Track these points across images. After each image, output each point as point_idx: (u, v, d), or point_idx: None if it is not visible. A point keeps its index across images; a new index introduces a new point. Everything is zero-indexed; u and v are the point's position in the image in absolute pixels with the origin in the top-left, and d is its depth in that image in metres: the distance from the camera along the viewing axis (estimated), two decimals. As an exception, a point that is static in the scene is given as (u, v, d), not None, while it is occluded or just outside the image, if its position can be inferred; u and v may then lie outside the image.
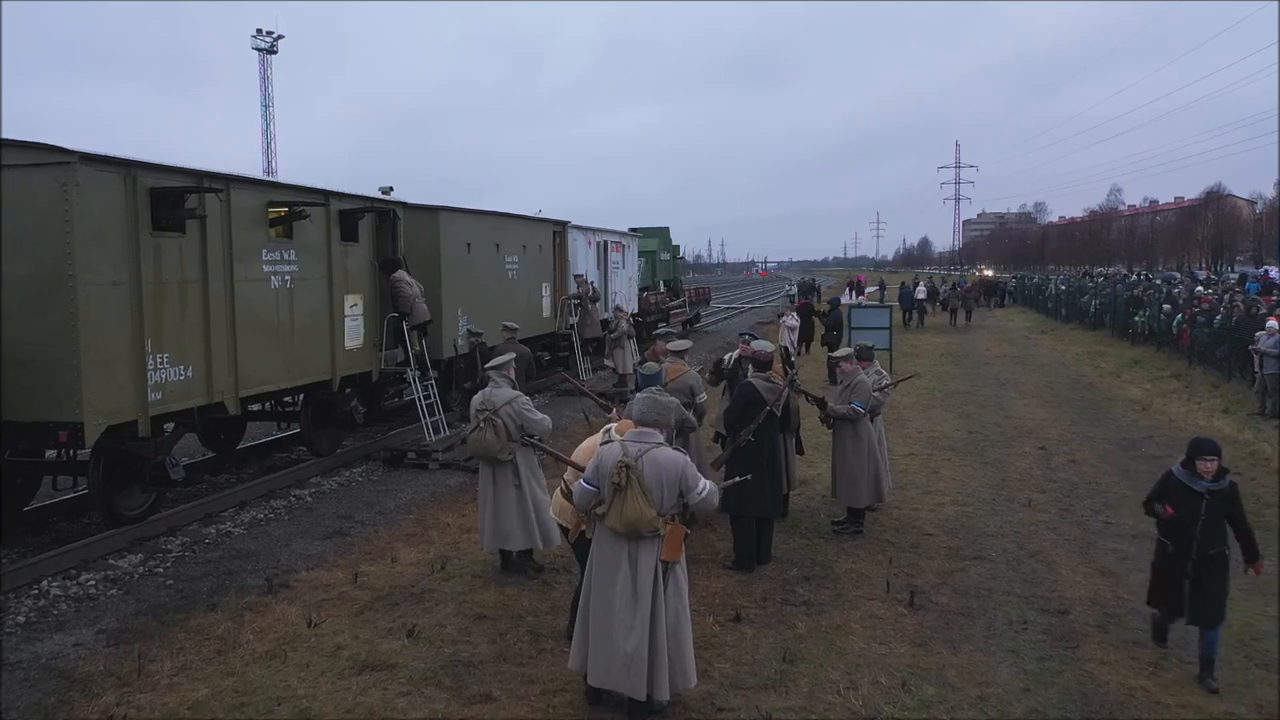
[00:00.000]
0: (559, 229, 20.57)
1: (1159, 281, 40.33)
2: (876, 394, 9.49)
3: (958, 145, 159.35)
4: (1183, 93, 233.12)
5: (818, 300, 34.40)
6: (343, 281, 12.04)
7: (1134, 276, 58.99)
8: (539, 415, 7.73)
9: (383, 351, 13.00)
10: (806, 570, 8.08)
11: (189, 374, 9.29)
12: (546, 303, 19.62)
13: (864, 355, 9.82)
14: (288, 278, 10.91)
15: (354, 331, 12.32)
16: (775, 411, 8.22)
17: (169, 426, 9.68)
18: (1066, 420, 15.69)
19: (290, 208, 10.92)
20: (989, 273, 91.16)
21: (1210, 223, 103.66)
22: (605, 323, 20.79)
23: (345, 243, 12.21)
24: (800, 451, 9.44)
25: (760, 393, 8.18)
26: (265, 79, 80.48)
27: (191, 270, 9.36)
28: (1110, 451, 13.22)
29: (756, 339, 9.83)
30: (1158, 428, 15.01)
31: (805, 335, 23.85)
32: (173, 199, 9.04)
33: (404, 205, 13.66)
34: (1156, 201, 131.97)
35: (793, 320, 23.06)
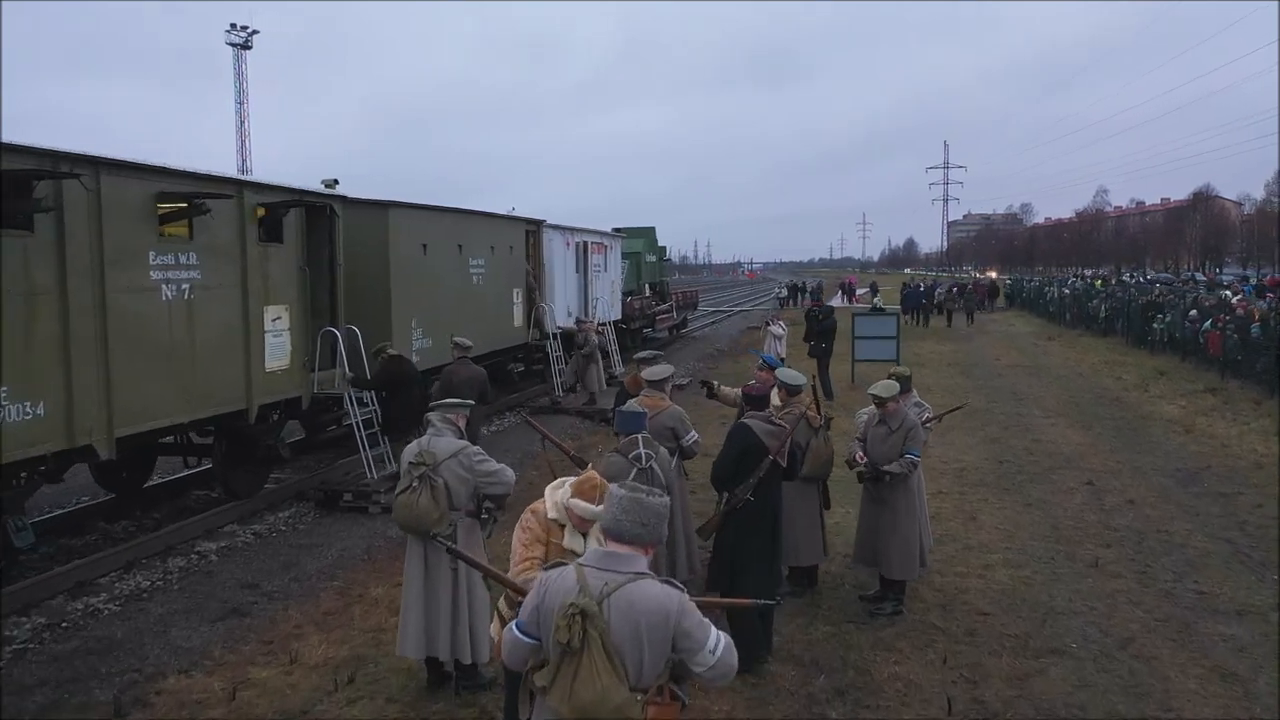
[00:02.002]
0: (533, 228, 18.58)
1: (1157, 284, 38.74)
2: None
3: (946, 146, 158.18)
4: (1170, 96, 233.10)
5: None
6: (262, 290, 10.01)
7: (1130, 278, 57.56)
8: (495, 465, 5.66)
9: (316, 372, 10.98)
10: (837, 677, 6.12)
11: (38, 412, 7.25)
12: (518, 311, 17.62)
13: (903, 386, 7.89)
14: (186, 286, 8.87)
15: (277, 350, 10.29)
16: (780, 461, 6.30)
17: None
18: (1105, 446, 13.81)
19: (189, 200, 8.89)
20: (992, 274, 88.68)
21: (1199, 224, 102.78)
22: (570, 335, 18.49)
23: (266, 243, 10.19)
24: (828, 506, 7.51)
25: (759, 437, 6.25)
26: (239, 74, 78.41)
27: (44, 278, 7.32)
28: (1168, 487, 11.34)
29: (781, 366, 7.84)
30: (1211, 455, 13.14)
31: (819, 348, 20.04)
32: (14, 187, 7.01)
33: (343, 199, 11.64)
34: (1143, 203, 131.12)
35: (780, 329, 20.66)
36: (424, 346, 13.47)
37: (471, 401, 6.08)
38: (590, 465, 6.41)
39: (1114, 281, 54.80)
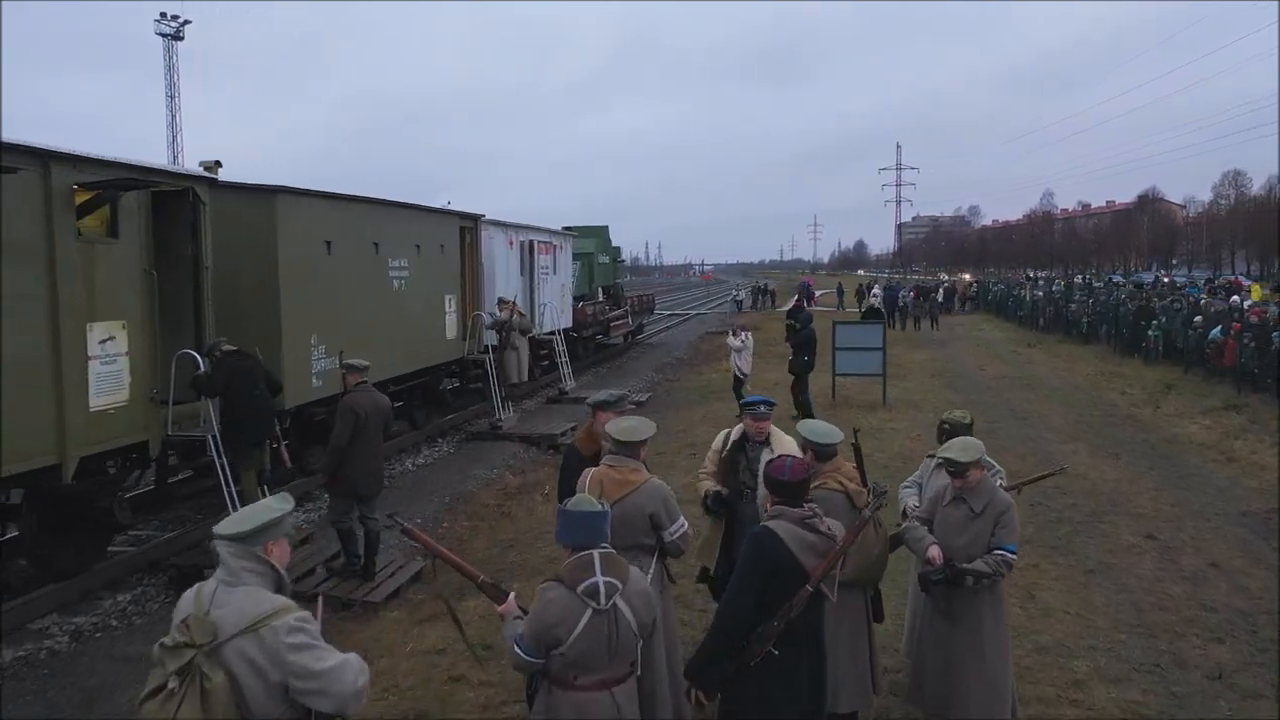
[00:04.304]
0: (469, 224, 16.07)
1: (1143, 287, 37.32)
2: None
3: (899, 148, 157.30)
4: (1117, 101, 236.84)
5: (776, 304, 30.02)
6: (84, 301, 7.41)
7: (1084, 279, 56.49)
8: (328, 660, 2.93)
9: (171, 407, 8.38)
10: None
11: None
12: (451, 320, 15.08)
13: (960, 432, 5.60)
14: (-50, 298, 6.26)
15: (109, 381, 7.68)
16: (827, 594, 3.96)
17: None
18: (1146, 481, 11.70)
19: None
20: (967, 277, 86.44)
21: (1146, 226, 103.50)
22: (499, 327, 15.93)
23: (92, 239, 7.59)
24: (879, 618, 5.18)
25: (793, 553, 3.90)
26: (170, 67, 74.55)
27: None
28: (1248, 541, 9.23)
29: (804, 424, 5.32)
30: (1272, 493, 11.08)
31: (802, 361, 16.06)
32: None
33: (211, 183, 9.05)
34: (1089, 205, 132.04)
35: (740, 342, 17.59)
36: (327, 368, 10.92)
37: (290, 506, 3.46)
38: (512, 594, 3.99)
39: (1081, 283, 53.68)
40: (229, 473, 8.37)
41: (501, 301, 16.12)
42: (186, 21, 74.01)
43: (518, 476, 12.94)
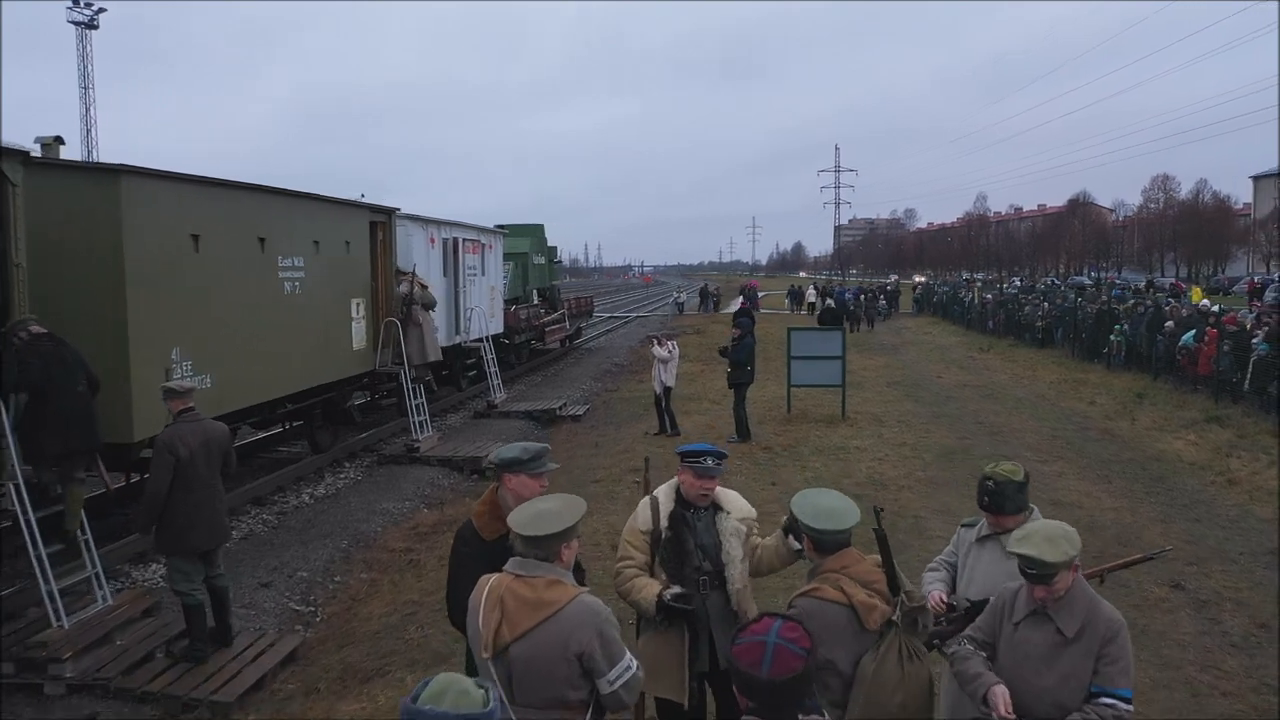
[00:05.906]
0: (381, 219, 14.19)
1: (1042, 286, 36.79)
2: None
3: (837, 149, 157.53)
4: (1044, 108, 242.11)
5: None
6: None
7: (1047, 282, 56.40)
8: None
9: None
10: None
11: None
12: (359, 328, 13.18)
13: (1013, 502, 3.94)
14: None
15: None
16: None
17: None
18: (1148, 511, 10.37)
19: None
20: (921, 279, 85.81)
21: (1079, 229, 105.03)
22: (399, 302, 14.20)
23: None
24: None
25: None
26: (84, 56, 70.71)
27: None
28: (1286, 588, 7.90)
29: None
30: (1290, 523, 9.84)
31: (744, 373, 14.00)
32: None
33: (25, 157, 7.10)
34: (1021, 209, 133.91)
35: (667, 352, 15.44)
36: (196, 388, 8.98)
37: None
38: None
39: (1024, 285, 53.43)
40: (28, 508, 6.45)
41: (399, 273, 14.29)
42: (101, 9, 70.17)
43: (434, 510, 11.15)
